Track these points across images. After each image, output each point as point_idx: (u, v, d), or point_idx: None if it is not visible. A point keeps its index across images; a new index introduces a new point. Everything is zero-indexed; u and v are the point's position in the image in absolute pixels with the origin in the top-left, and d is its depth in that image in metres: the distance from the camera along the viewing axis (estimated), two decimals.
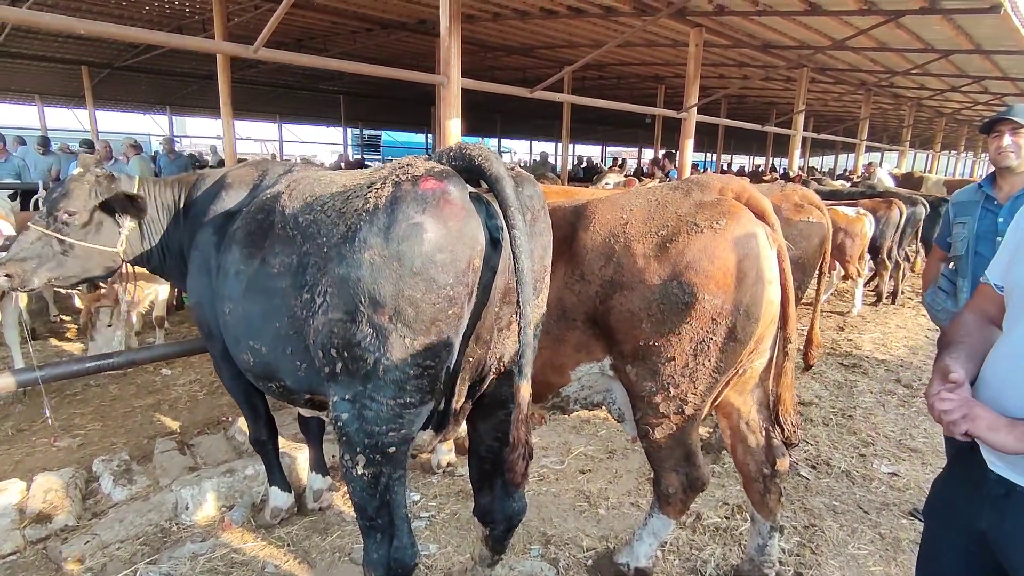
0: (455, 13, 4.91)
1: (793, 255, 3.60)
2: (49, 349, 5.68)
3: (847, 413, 4.55)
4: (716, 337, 2.26)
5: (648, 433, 2.44)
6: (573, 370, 2.57)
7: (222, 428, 4.08)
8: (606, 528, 3.10)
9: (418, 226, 1.61)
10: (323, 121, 25.01)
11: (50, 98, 16.94)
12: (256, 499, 3.24)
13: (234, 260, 2.17)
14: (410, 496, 3.36)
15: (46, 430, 4.09)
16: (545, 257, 1.97)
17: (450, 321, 1.70)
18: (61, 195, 2.72)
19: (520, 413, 1.78)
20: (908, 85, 12.66)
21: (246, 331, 2.16)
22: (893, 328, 6.95)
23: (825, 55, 9.43)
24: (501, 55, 12.06)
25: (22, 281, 2.63)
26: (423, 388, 1.76)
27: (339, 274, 1.69)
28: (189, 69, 14.37)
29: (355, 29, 10.53)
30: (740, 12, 7.06)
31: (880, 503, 3.36)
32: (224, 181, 2.71)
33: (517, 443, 1.79)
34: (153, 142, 20.00)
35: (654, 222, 2.33)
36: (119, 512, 3.02)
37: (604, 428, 4.22)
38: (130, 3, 9.08)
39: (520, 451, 1.80)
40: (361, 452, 1.82)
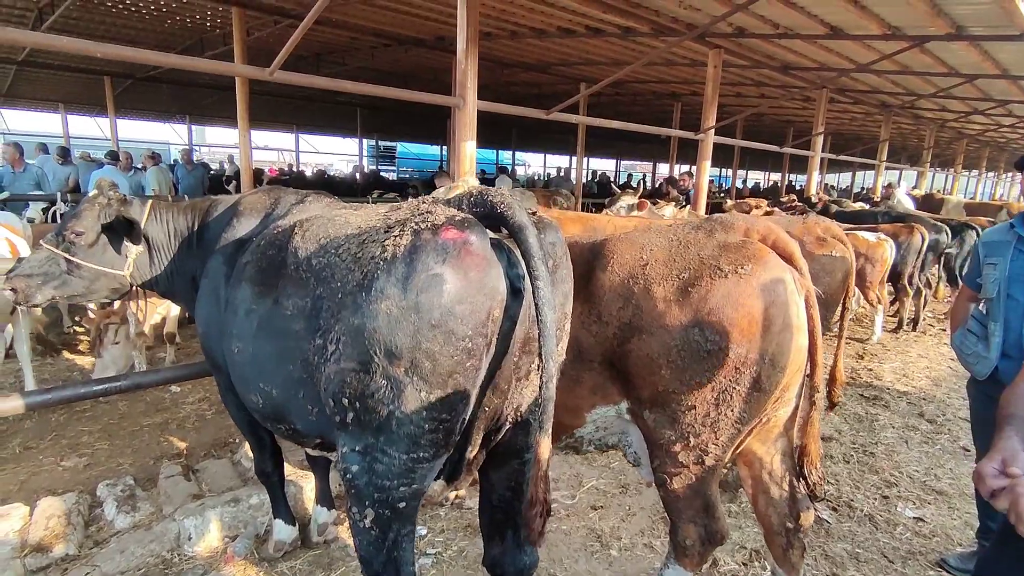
0: (472, 36, 4.89)
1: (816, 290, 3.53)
2: (61, 363, 5.68)
3: (868, 450, 4.40)
4: (739, 387, 2.17)
5: (666, 482, 2.34)
6: (588, 412, 2.49)
7: (228, 451, 4.03)
8: (618, 571, 3.00)
9: (438, 277, 1.55)
10: (340, 132, 25.25)
11: (73, 106, 17.23)
12: (260, 530, 3.17)
13: (244, 298, 2.12)
14: (417, 531, 3.27)
15: (53, 449, 4.06)
16: (566, 304, 1.90)
17: (468, 373, 1.63)
18: (72, 215, 2.75)
19: (540, 470, 1.70)
20: (930, 107, 12.50)
21: (256, 372, 2.10)
22: (915, 357, 6.77)
23: (847, 77, 9.32)
24: (518, 71, 12.08)
25: (26, 296, 2.67)
26: (437, 442, 1.69)
27: (354, 323, 1.63)
28: (209, 80, 14.56)
29: (373, 45, 10.60)
30: (760, 35, 6.99)
31: (905, 551, 3.22)
32: (236, 208, 2.68)
33: (535, 501, 1.72)
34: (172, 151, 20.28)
35: (675, 264, 2.25)
36: (121, 542, 2.96)
37: (616, 460, 4.12)
38: (152, 18, 9.21)
39: (538, 509, 1.73)
40: (370, 506, 1.75)
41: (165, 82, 14.50)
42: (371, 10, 8.24)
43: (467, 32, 4.89)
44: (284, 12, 8.37)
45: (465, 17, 4.88)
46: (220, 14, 8.84)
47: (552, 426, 2.49)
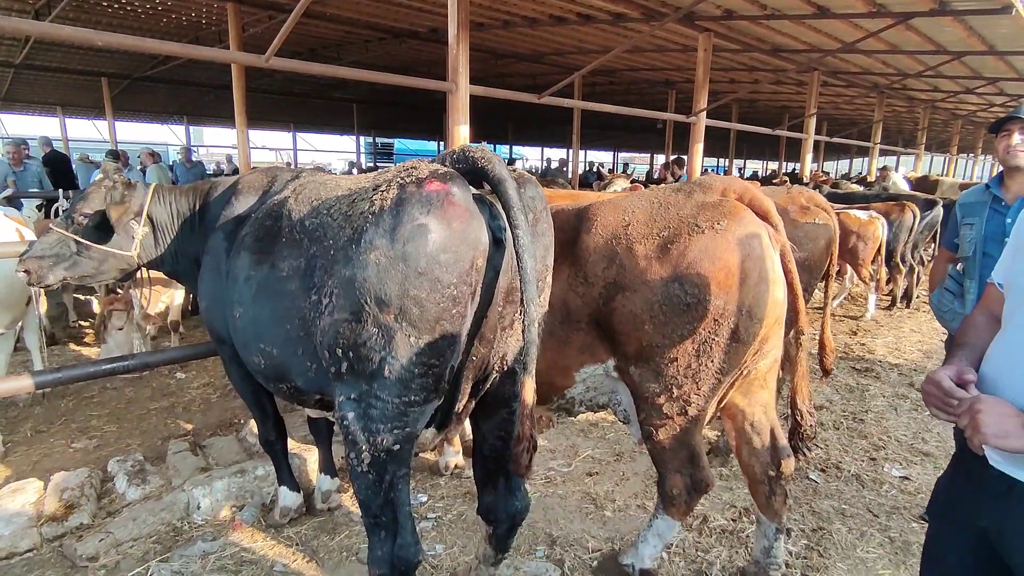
0: (463, 21, 4.98)
1: (799, 257, 3.62)
2: (68, 353, 5.80)
3: (858, 417, 4.51)
4: (719, 338, 2.27)
5: (652, 434, 2.44)
6: (577, 372, 2.59)
7: (234, 430, 4.14)
8: (612, 530, 3.10)
9: (423, 227, 1.65)
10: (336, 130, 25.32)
11: (71, 109, 17.33)
12: (266, 499, 3.28)
13: (243, 265, 2.22)
14: (418, 498, 3.39)
15: (63, 432, 4.18)
16: (547, 256, 2.00)
17: (454, 320, 1.73)
18: (80, 198, 2.86)
19: (525, 408, 1.80)
20: (922, 87, 12.55)
21: (256, 334, 2.20)
22: (907, 332, 6.87)
23: (836, 58, 9.39)
24: (511, 62, 12.15)
25: (38, 277, 2.77)
26: (427, 387, 1.79)
27: (345, 275, 1.73)
28: (206, 79, 14.64)
29: (367, 38, 10.68)
30: (748, 16, 7.06)
31: (890, 507, 3.32)
32: (236, 188, 2.78)
33: (522, 437, 1.82)
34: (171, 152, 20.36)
35: (656, 224, 2.35)
36: (133, 511, 3.08)
37: (612, 431, 4.23)
38: (148, 16, 9.29)
39: (525, 444, 1.82)
40: (366, 450, 1.85)
41: (162, 82, 14.57)
42: (364, 3, 8.32)
43: (458, 18, 4.98)
44: (278, 7, 8.45)
45: (456, 3, 4.96)
46: (216, 11, 8.93)
47: (544, 386, 2.62)
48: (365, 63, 12.23)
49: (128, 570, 2.74)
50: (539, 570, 2.75)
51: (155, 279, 3.55)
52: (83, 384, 4.85)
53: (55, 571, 2.75)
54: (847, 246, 6.90)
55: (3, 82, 14.28)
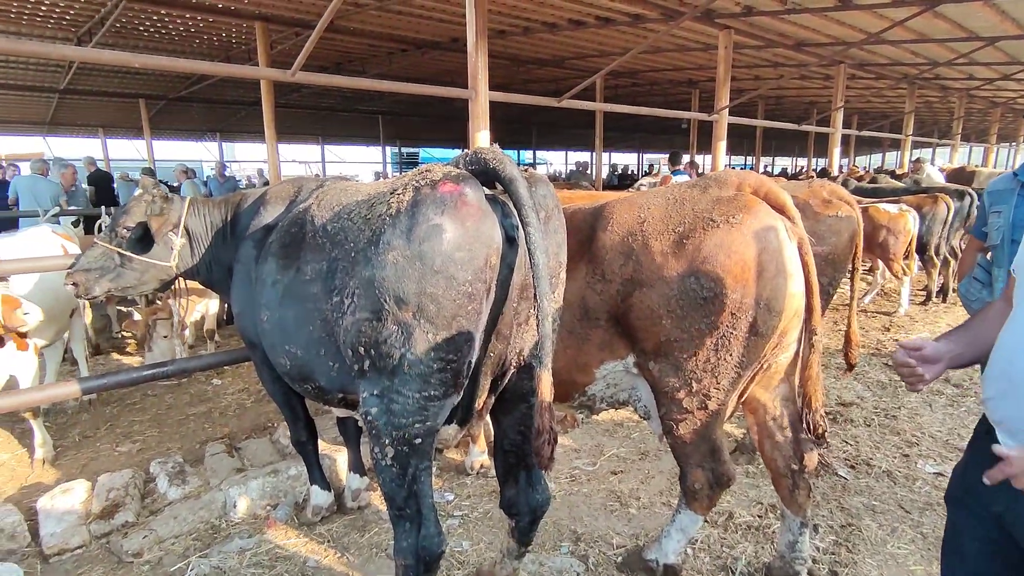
0: (481, 29, 5.07)
1: (823, 251, 3.60)
2: (112, 362, 6.05)
3: (891, 413, 4.41)
4: (737, 332, 2.28)
5: (672, 429, 2.46)
6: (598, 368, 2.62)
7: (268, 433, 4.28)
8: (637, 527, 3.12)
9: (438, 227, 1.72)
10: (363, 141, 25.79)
11: (112, 130, 18.08)
12: (298, 498, 3.39)
13: (270, 271, 2.33)
14: (445, 496, 3.46)
15: (108, 437, 4.38)
16: (560, 253, 2.05)
17: (470, 316, 1.79)
18: (122, 212, 3.00)
19: (543, 401, 1.84)
20: (956, 76, 12.20)
21: (282, 336, 2.30)
22: (943, 327, 6.67)
23: (862, 50, 9.21)
24: (533, 67, 12.25)
25: (86, 289, 2.91)
26: (446, 381, 1.86)
27: (365, 276, 1.81)
28: (237, 97, 15.13)
29: (391, 50, 10.91)
30: (769, 12, 7.01)
31: (923, 503, 3.26)
32: (264, 198, 2.89)
33: (542, 429, 1.86)
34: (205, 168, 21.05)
35: (671, 219, 2.37)
36: (174, 510, 3.22)
37: (637, 431, 4.23)
38: (182, 38, 9.68)
39: (545, 437, 1.86)
40: (389, 444, 1.92)
41: (196, 102, 15.12)
42: (387, 16, 8.52)
43: (476, 26, 5.08)
44: (304, 23, 8.70)
45: (474, 11, 5.06)
46: (245, 30, 9.24)
47: (565, 383, 2.66)
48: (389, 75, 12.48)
49: (170, 565, 2.87)
50: (564, 565, 2.78)
51: (191, 289, 3.71)
52: (126, 391, 5.07)
53: (103, 566, 2.90)
54: (877, 241, 6.76)
55: (49, 107, 15.00)
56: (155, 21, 8.69)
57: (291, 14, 8.35)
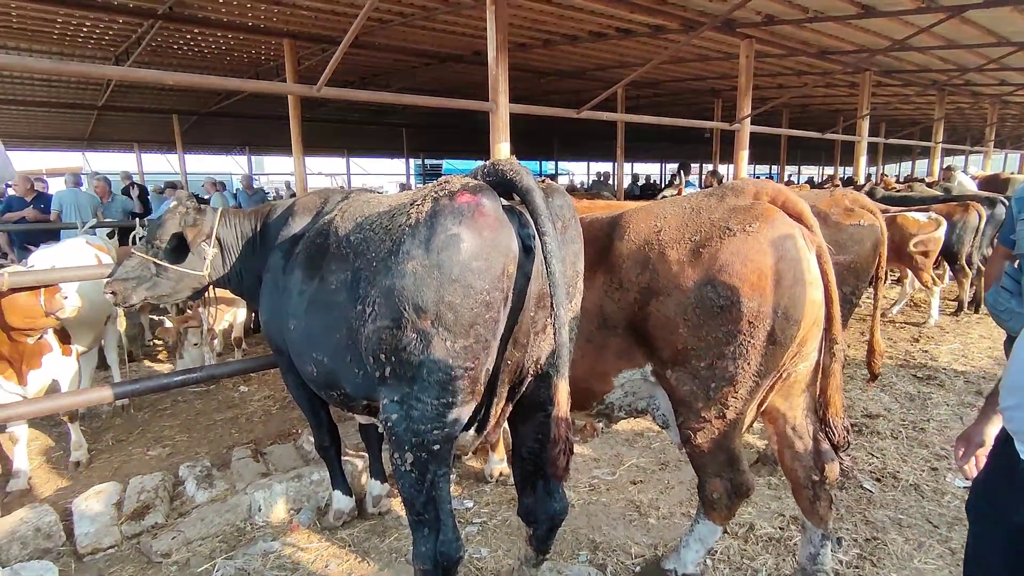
0: (501, 44, 5.16)
1: (846, 260, 3.56)
2: (144, 369, 6.24)
3: (919, 426, 4.32)
4: (755, 340, 2.27)
5: (691, 438, 2.46)
6: (616, 377, 2.63)
7: (292, 439, 4.36)
8: (656, 537, 3.10)
9: (455, 236, 1.77)
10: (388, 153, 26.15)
11: (146, 145, 18.67)
12: (321, 503, 3.45)
13: (297, 280, 2.40)
14: (464, 503, 3.49)
15: (140, 441, 4.51)
16: (577, 263, 2.08)
17: (488, 325, 1.83)
18: (158, 224, 3.10)
19: (559, 410, 1.87)
20: (987, 82, 11.93)
21: (309, 344, 2.37)
22: (975, 338, 6.51)
23: (888, 57, 9.09)
24: (555, 79, 12.33)
25: (124, 298, 3.01)
26: (464, 388, 1.90)
27: (386, 285, 1.87)
28: (265, 112, 15.50)
29: (415, 64, 11.09)
30: (790, 21, 6.97)
31: (952, 517, 3.18)
32: (292, 209, 2.98)
33: (558, 439, 1.88)
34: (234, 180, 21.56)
35: (688, 228, 2.39)
36: (201, 512, 3.30)
37: (657, 441, 4.21)
38: (213, 56, 9.99)
39: (561, 447, 1.89)
40: (409, 450, 1.97)
41: (226, 116, 15.54)
42: (411, 31, 8.69)
43: (496, 40, 5.17)
44: (330, 40, 8.92)
45: (494, 26, 5.16)
46: (273, 47, 9.51)
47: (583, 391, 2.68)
48: (413, 88, 12.70)
49: (197, 566, 2.95)
50: (581, 574, 2.78)
51: (220, 298, 3.82)
52: (157, 397, 5.22)
53: (133, 566, 2.99)
54: (906, 250, 6.63)
55: (88, 123, 15.58)
56: (188, 40, 9.00)
57: (317, 31, 8.57)
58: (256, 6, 7.23)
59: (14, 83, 11.57)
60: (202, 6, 7.23)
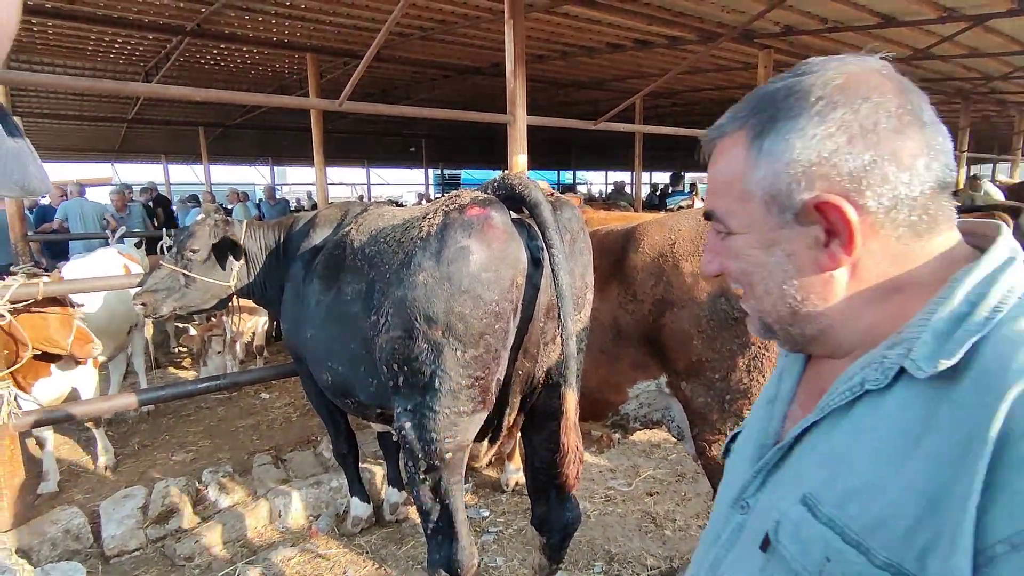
0: (519, 56, 5.22)
1: None
2: (168, 376, 6.38)
3: None
4: (769, 352, 2.27)
5: (705, 450, 2.46)
6: (630, 388, 2.65)
7: (312, 446, 4.43)
8: (671, 549, 3.09)
9: (465, 249, 1.81)
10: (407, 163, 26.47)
11: (173, 156, 19.16)
12: (339, 509, 3.51)
13: (314, 291, 2.47)
14: (480, 512, 3.51)
15: (165, 446, 4.62)
16: (586, 275, 2.11)
17: (497, 335, 1.87)
18: (188, 236, 3.16)
19: (568, 421, 1.89)
20: (1014, 89, 11.71)
21: (325, 353, 2.43)
22: None
23: (911, 65, 8.98)
24: (573, 90, 12.40)
25: (154, 309, 3.07)
26: (475, 398, 1.93)
27: (398, 296, 1.92)
28: (288, 124, 15.82)
29: (434, 77, 11.25)
30: (809, 31, 6.94)
31: None
32: (314, 221, 3.05)
33: (568, 449, 1.91)
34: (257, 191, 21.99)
35: (702, 240, 2.41)
36: (223, 517, 3.38)
37: (674, 452, 4.19)
38: (239, 69, 10.24)
39: (570, 457, 1.92)
40: (422, 458, 2.01)
41: (250, 128, 15.89)
42: (430, 45, 8.82)
43: (514, 53, 5.23)
44: (352, 54, 9.09)
45: (512, 39, 5.23)
46: (296, 61, 9.72)
47: (598, 402, 2.70)
48: (432, 100, 12.87)
49: (218, 570, 3.01)
50: None
51: (242, 307, 3.91)
52: (181, 404, 5.34)
53: (157, 569, 3.06)
54: None
55: (118, 136, 16.05)
56: (215, 55, 9.25)
57: (340, 45, 8.75)
58: (280, 22, 7.42)
59: (49, 98, 11.98)
60: (229, 23, 7.44)
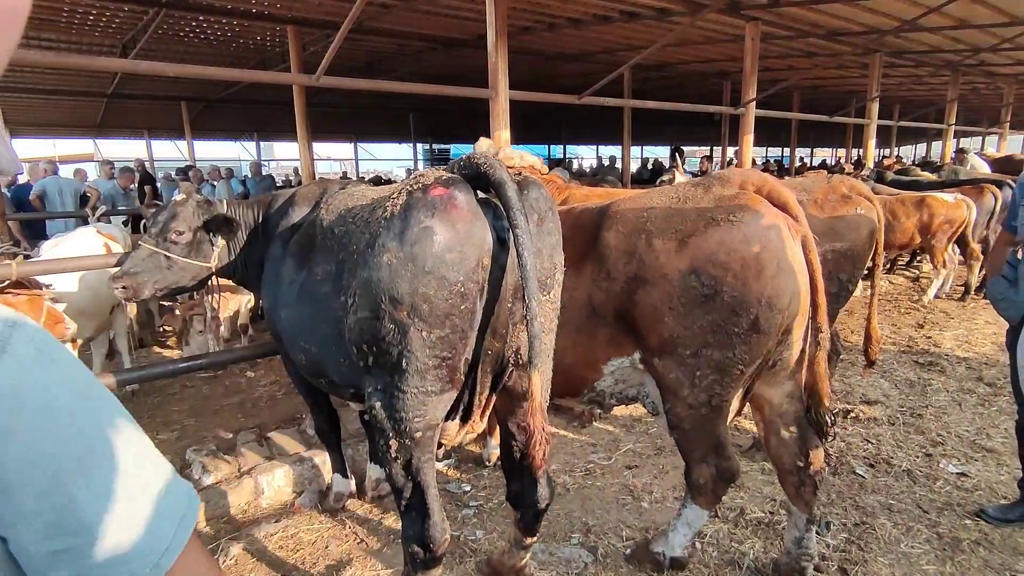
0: (501, 29, 5.13)
1: (842, 247, 3.55)
2: (153, 356, 6.37)
3: (916, 412, 4.33)
4: (739, 329, 2.30)
5: (677, 424, 2.50)
6: (605, 365, 2.68)
7: (296, 424, 4.46)
8: (648, 520, 3.16)
9: (428, 229, 1.80)
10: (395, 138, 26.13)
11: (155, 132, 18.80)
12: (322, 486, 3.55)
13: (288, 270, 2.46)
14: (462, 487, 3.57)
15: (150, 425, 4.63)
16: (554, 255, 2.10)
17: (464, 315, 1.87)
18: (170, 217, 3.04)
19: (534, 402, 1.91)
20: (1002, 61, 11.66)
21: (298, 333, 2.43)
22: (981, 324, 6.45)
23: (899, 38, 8.91)
24: (560, 62, 12.23)
25: (135, 292, 2.99)
26: (443, 377, 1.94)
27: (364, 277, 1.91)
28: (273, 98, 15.52)
29: (420, 49, 11.04)
30: (796, 3, 6.86)
31: (943, 503, 3.21)
32: (292, 199, 3.01)
33: (533, 430, 1.93)
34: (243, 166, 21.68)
35: (674, 218, 2.41)
36: (207, 494, 3.41)
37: (654, 426, 4.25)
38: (219, 42, 10.02)
39: (537, 437, 1.93)
40: (393, 437, 2.02)
41: (234, 103, 15.59)
42: (414, 16, 8.64)
43: (496, 26, 5.14)
44: (335, 25, 8.87)
45: (493, 12, 5.13)
46: (278, 33, 9.51)
47: (573, 379, 2.73)
48: (419, 72, 12.66)
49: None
50: (572, 555, 2.85)
51: (224, 286, 3.88)
52: (166, 383, 5.34)
53: None
54: (931, 230, 6.79)
55: (98, 111, 15.71)
56: (194, 27, 9.02)
57: (322, 17, 8.55)
58: None
59: (24, 72, 11.68)
60: None
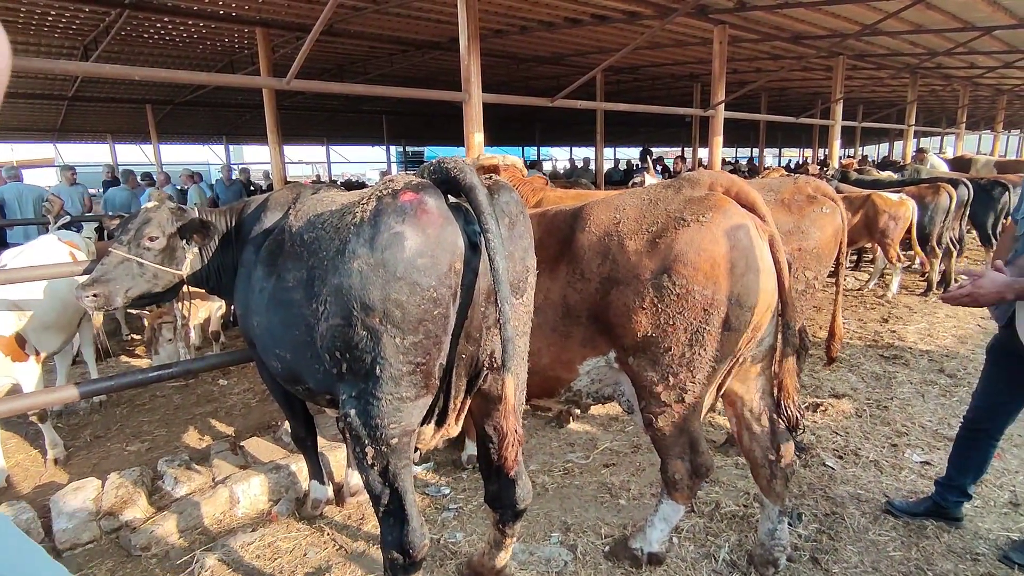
0: (473, 33, 5.16)
1: (808, 246, 3.65)
2: (121, 365, 6.22)
3: (882, 404, 4.47)
4: (710, 327, 2.36)
5: (652, 421, 2.55)
6: (581, 364, 2.71)
7: (271, 431, 4.41)
8: (626, 517, 3.21)
9: (399, 235, 1.80)
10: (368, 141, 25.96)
11: (119, 136, 18.34)
12: (299, 493, 3.51)
13: (259, 277, 2.43)
14: (441, 490, 3.56)
15: (119, 436, 4.53)
16: (527, 258, 2.12)
17: (437, 321, 1.88)
18: (143, 222, 2.97)
19: (507, 404, 1.92)
20: (958, 64, 12.11)
21: (272, 340, 2.40)
22: (942, 318, 6.68)
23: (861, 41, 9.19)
24: (533, 65, 12.29)
25: (106, 301, 2.89)
26: (417, 383, 1.94)
27: (335, 283, 1.90)
28: (242, 100, 15.29)
29: (392, 52, 10.99)
30: (763, 7, 7.03)
31: (908, 491, 3.32)
32: (264, 205, 2.96)
33: (506, 432, 1.94)
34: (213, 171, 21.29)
35: (645, 220, 2.46)
36: (180, 506, 3.35)
37: (631, 424, 4.31)
38: (186, 45, 9.82)
39: (510, 439, 1.95)
40: (369, 444, 2.01)
41: (201, 105, 15.31)
42: (385, 19, 8.60)
43: (468, 30, 5.17)
44: (304, 28, 8.80)
45: (465, 15, 5.15)
46: (246, 35, 9.37)
47: (550, 379, 2.75)
48: (391, 75, 12.59)
49: (176, 559, 3.00)
50: (552, 554, 2.88)
51: (194, 293, 3.81)
52: (135, 393, 5.23)
53: (113, 560, 3.03)
54: (877, 226, 6.96)
55: (58, 114, 15.26)
56: (159, 29, 8.83)
57: (291, 19, 8.46)
58: None
59: None
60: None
